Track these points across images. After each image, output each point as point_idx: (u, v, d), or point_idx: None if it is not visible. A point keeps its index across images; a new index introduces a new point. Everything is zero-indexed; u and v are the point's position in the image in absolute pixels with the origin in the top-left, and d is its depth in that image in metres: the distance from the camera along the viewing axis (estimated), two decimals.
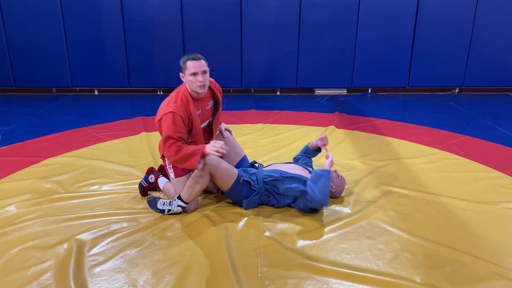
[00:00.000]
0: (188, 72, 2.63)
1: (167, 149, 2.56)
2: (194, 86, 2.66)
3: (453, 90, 6.78)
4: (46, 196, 3.06)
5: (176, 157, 2.55)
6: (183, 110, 2.62)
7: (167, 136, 2.56)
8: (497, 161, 3.74)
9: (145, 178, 3.08)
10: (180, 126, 2.58)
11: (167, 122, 2.56)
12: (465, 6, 6.12)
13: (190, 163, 2.56)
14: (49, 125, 4.79)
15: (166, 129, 2.56)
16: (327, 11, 6.11)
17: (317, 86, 6.57)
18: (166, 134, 2.56)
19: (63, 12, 5.99)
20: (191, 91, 2.72)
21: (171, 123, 2.55)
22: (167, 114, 2.57)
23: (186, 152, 2.55)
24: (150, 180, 3.05)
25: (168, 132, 2.55)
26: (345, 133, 4.49)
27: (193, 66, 2.61)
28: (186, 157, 2.55)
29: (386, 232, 2.63)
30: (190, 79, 2.64)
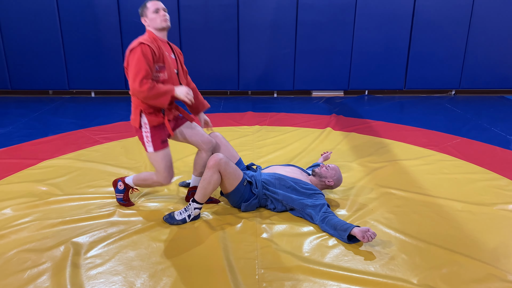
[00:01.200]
0: (150, 10, 2.63)
1: (139, 84, 2.49)
2: (159, 22, 2.63)
3: (450, 92, 6.81)
4: (43, 198, 3.05)
5: (150, 94, 2.50)
6: (152, 42, 2.57)
7: (137, 70, 2.49)
8: (493, 163, 3.76)
9: (116, 191, 2.97)
10: (149, 58, 2.52)
11: (136, 55, 2.51)
12: (461, 9, 6.16)
13: (161, 101, 2.55)
14: (46, 127, 4.78)
15: (135, 63, 2.50)
16: (324, 13, 6.13)
17: (314, 88, 6.58)
18: (136, 68, 2.50)
19: (60, 14, 5.98)
20: (156, 31, 2.66)
21: (141, 55, 2.49)
22: (137, 47, 2.52)
23: (159, 90, 2.52)
24: (120, 188, 2.95)
25: (138, 65, 2.49)
26: (342, 135, 4.50)
27: (153, 4, 2.64)
28: (159, 95, 2.53)
29: (383, 233, 2.64)
30: (153, 16, 2.62)
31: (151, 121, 2.65)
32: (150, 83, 2.50)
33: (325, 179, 3.00)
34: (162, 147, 2.72)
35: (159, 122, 2.67)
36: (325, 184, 3.02)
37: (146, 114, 2.64)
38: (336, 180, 3.03)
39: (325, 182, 3.01)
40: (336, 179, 3.03)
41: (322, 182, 3.01)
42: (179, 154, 3.94)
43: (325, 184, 3.02)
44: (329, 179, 3.00)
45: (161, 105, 2.58)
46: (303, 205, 2.77)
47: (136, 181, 2.90)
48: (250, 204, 2.86)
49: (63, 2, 5.94)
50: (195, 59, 6.24)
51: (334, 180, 3.02)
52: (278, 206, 2.88)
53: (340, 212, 2.89)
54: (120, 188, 2.96)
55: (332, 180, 3.00)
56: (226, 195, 2.89)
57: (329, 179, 3.00)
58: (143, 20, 2.68)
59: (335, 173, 3.03)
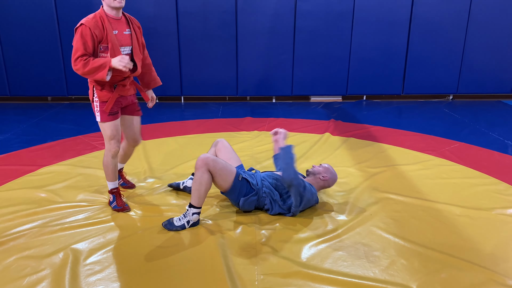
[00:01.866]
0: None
1: (74, 62, 2.61)
2: (112, 1, 2.69)
3: (447, 97, 6.84)
4: (42, 205, 3.05)
5: (85, 70, 2.60)
6: (94, 24, 2.64)
7: (75, 49, 2.61)
8: (491, 167, 3.77)
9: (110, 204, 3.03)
10: (88, 39, 2.61)
11: (76, 35, 2.61)
12: (458, 14, 6.20)
13: (99, 75, 2.62)
14: (45, 134, 4.78)
15: (75, 42, 2.61)
16: (321, 19, 6.16)
17: (312, 93, 6.60)
18: (75, 47, 2.61)
19: (59, 20, 6.00)
20: (108, 9, 2.74)
21: (79, 36, 2.60)
22: (78, 27, 2.62)
23: (94, 65, 2.60)
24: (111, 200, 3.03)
25: (76, 45, 2.60)
26: (341, 140, 4.51)
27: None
28: (95, 70, 2.61)
29: (382, 238, 2.64)
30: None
31: (101, 97, 2.79)
32: (84, 60, 2.60)
33: (319, 175, 3.07)
34: (109, 119, 2.84)
35: (108, 97, 2.80)
36: (320, 180, 3.07)
37: (97, 90, 2.79)
38: (330, 174, 3.10)
39: (320, 178, 3.07)
40: (330, 173, 3.10)
41: (317, 179, 3.07)
42: (179, 160, 3.95)
43: (320, 180, 3.07)
44: (323, 174, 3.07)
45: (101, 79, 2.64)
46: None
47: (106, 177, 3.00)
48: (248, 199, 2.86)
49: (62, 9, 5.95)
50: (194, 65, 6.25)
51: (328, 174, 3.08)
52: (275, 207, 2.89)
53: (339, 217, 2.89)
54: (110, 200, 3.03)
55: (326, 174, 3.07)
56: (225, 193, 2.90)
57: (323, 174, 3.07)
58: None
59: (327, 168, 3.12)
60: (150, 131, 4.84)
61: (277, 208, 2.90)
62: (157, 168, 3.77)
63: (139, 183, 3.46)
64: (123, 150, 3.21)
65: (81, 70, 2.61)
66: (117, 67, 2.62)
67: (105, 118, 2.83)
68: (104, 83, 2.76)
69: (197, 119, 5.43)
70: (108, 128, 2.86)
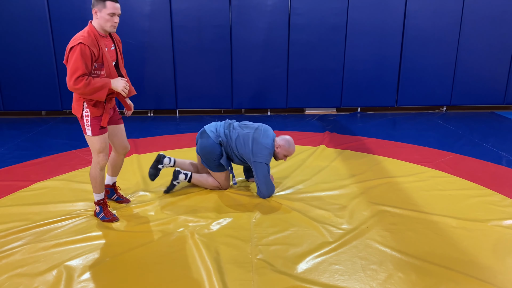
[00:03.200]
0: (107, 11, 2.70)
1: (74, 81, 2.63)
2: (108, 25, 2.74)
3: (441, 108, 6.89)
4: (35, 221, 3.01)
5: (86, 90, 2.65)
6: (91, 42, 2.67)
7: (75, 68, 2.62)
8: (486, 179, 3.78)
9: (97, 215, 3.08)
10: (87, 58, 2.64)
11: (75, 53, 2.62)
12: (449, 26, 6.28)
13: (98, 95, 2.72)
14: (39, 149, 4.75)
15: (74, 61, 2.62)
16: (315, 32, 6.22)
17: (307, 105, 6.63)
18: (75, 66, 2.62)
19: (53, 34, 6.01)
20: (100, 29, 2.77)
21: (79, 55, 2.61)
22: (76, 46, 2.62)
23: (95, 85, 2.68)
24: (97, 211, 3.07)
25: (77, 64, 2.61)
26: (336, 152, 4.52)
27: (112, 7, 2.71)
28: (96, 90, 2.69)
29: (379, 252, 2.63)
30: (107, 18, 2.71)
31: (93, 113, 2.82)
32: (86, 80, 2.64)
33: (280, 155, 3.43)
34: (100, 133, 2.89)
35: (100, 113, 2.85)
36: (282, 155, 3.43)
37: (89, 106, 2.81)
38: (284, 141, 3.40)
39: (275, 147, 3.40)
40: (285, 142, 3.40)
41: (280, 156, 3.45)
42: None
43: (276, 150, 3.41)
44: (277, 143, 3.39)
45: (99, 99, 2.74)
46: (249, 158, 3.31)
47: (93, 188, 3.03)
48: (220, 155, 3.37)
49: (57, 22, 5.97)
50: (189, 79, 6.27)
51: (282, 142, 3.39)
52: (235, 159, 3.42)
53: (336, 231, 2.88)
54: (97, 211, 3.07)
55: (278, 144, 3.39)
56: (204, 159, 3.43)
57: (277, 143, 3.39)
58: (94, 12, 2.72)
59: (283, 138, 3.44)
60: (145, 145, 4.82)
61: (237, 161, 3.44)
62: (150, 182, 3.74)
63: (133, 197, 3.43)
64: (114, 161, 3.23)
65: (82, 90, 2.64)
66: (118, 90, 2.76)
67: (96, 132, 2.86)
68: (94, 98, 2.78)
69: (192, 132, 5.42)
70: (98, 141, 2.89)
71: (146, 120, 6.16)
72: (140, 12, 6.01)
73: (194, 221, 3.03)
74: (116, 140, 3.15)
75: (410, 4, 6.18)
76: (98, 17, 2.72)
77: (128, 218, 3.07)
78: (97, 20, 2.73)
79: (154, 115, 6.56)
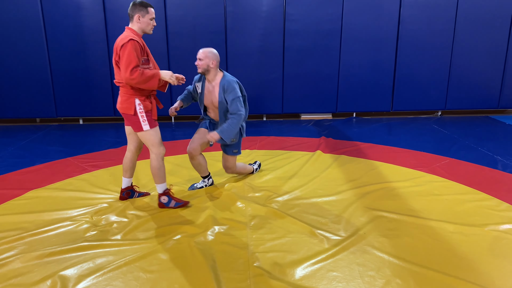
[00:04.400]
0: (149, 16, 3.07)
1: (130, 72, 2.90)
2: (149, 28, 3.10)
3: (436, 113, 6.92)
4: (29, 230, 2.97)
5: (141, 79, 2.93)
6: (139, 39, 3.00)
7: (129, 61, 2.90)
8: (482, 183, 3.79)
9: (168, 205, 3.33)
10: (139, 52, 2.95)
11: (127, 49, 2.90)
12: (443, 31, 6.33)
13: (151, 84, 3.00)
14: (33, 156, 4.71)
15: (128, 55, 2.89)
16: (310, 38, 6.24)
17: (302, 111, 6.63)
18: (129, 59, 2.89)
19: (48, 41, 5.99)
20: (140, 31, 3.09)
21: (132, 49, 2.90)
22: (127, 42, 2.91)
23: (148, 74, 2.96)
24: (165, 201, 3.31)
25: (130, 57, 2.90)
26: (332, 158, 4.51)
27: (153, 12, 3.10)
28: (148, 79, 2.97)
29: (376, 258, 2.62)
30: (148, 21, 3.08)
31: (146, 106, 3.10)
32: (140, 70, 2.93)
33: (201, 63, 3.36)
34: (156, 124, 3.18)
35: (150, 107, 3.14)
36: (208, 66, 3.37)
37: (142, 102, 3.09)
38: (204, 50, 3.36)
39: (207, 64, 3.36)
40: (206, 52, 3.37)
41: (207, 68, 3.39)
42: (168, 180, 3.90)
43: (205, 65, 3.37)
44: (200, 57, 3.36)
45: (152, 87, 3.04)
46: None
47: (155, 178, 3.26)
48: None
49: (51, 30, 5.96)
50: (184, 85, 6.26)
51: (202, 53, 3.35)
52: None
53: (333, 237, 2.87)
54: (165, 201, 3.31)
55: (200, 54, 3.35)
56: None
57: (200, 57, 3.36)
58: (136, 17, 3.04)
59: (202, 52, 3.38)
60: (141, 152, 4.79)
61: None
62: (144, 189, 3.71)
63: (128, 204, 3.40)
64: (130, 162, 3.42)
65: (138, 79, 2.92)
66: (166, 79, 3.05)
67: (153, 124, 3.15)
68: (143, 94, 3.09)
69: (188, 138, 5.40)
70: (155, 133, 3.17)
71: None
72: None
73: (191, 228, 3.01)
74: (137, 138, 3.35)
75: (404, 9, 6.22)
76: (140, 22, 3.05)
77: (124, 227, 3.04)
78: (138, 24, 3.06)
79: None
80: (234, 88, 3.37)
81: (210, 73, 3.43)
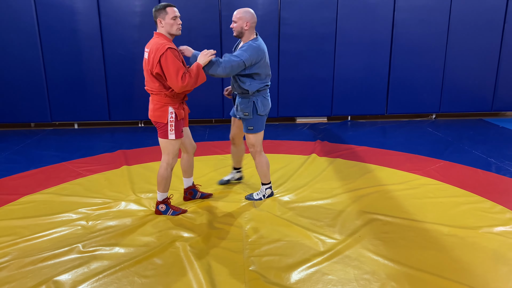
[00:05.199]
0: (170, 16, 2.93)
1: (181, 80, 2.86)
2: (174, 29, 2.97)
3: (430, 116, 6.96)
4: (23, 235, 2.96)
5: (191, 80, 2.90)
6: (173, 45, 2.93)
7: (177, 68, 2.85)
8: (476, 186, 3.81)
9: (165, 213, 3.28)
10: (178, 57, 2.92)
11: (169, 58, 2.84)
12: (437, 35, 6.37)
13: (201, 79, 2.97)
14: (28, 161, 4.69)
15: (173, 64, 2.84)
16: (305, 42, 6.27)
17: (298, 114, 6.65)
18: (175, 67, 2.85)
19: (42, 45, 5.98)
20: (167, 35, 3.00)
21: (173, 57, 2.85)
22: (166, 51, 2.84)
23: (194, 72, 2.92)
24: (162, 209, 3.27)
25: (176, 65, 2.85)
26: (327, 161, 4.52)
27: (173, 11, 2.95)
28: (196, 76, 2.93)
29: (371, 261, 2.62)
30: (171, 22, 2.95)
31: (179, 114, 3.06)
32: (187, 74, 2.90)
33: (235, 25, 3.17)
34: (181, 136, 3.14)
35: (182, 115, 3.10)
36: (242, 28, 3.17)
37: (176, 110, 3.04)
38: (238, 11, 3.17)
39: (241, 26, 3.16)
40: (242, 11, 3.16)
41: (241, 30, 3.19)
42: None
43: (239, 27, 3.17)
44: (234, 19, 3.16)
45: (203, 80, 2.98)
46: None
47: (159, 186, 3.21)
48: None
49: (46, 34, 5.94)
50: None
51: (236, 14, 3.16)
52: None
53: (328, 240, 2.87)
54: (162, 209, 3.27)
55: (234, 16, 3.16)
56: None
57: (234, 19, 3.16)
58: (158, 21, 2.96)
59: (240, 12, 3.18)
60: (136, 156, 4.79)
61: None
62: (141, 194, 3.71)
63: (124, 209, 3.40)
64: (187, 162, 3.44)
65: (191, 82, 2.90)
66: (207, 60, 2.97)
67: (179, 135, 3.10)
68: (177, 101, 3.05)
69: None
70: (176, 144, 3.13)
71: (137, 131, 6.12)
72: (130, 23, 6.00)
73: (186, 233, 3.00)
74: (187, 140, 3.37)
75: (398, 13, 6.27)
76: (163, 25, 2.95)
77: (119, 232, 3.03)
78: (163, 28, 2.97)
79: (145, 125, 6.53)
80: (245, 49, 3.09)
81: (244, 37, 3.23)
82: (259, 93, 3.30)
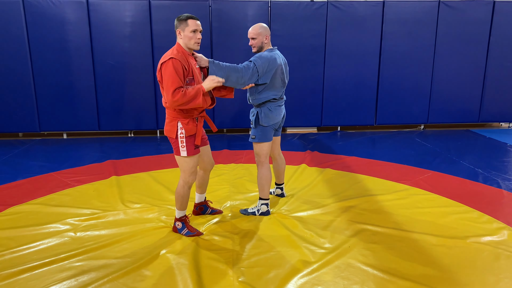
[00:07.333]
0: (189, 29, 2.82)
1: (172, 94, 2.73)
2: (192, 43, 2.86)
3: (419, 127, 7.04)
4: (9, 247, 2.91)
5: (184, 100, 2.76)
6: (181, 57, 2.79)
7: (171, 82, 2.73)
8: (463, 196, 3.85)
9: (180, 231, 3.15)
10: (180, 72, 2.76)
11: (168, 70, 2.74)
12: (424, 48, 6.49)
13: (196, 102, 2.80)
14: (15, 171, 4.63)
15: (168, 76, 2.73)
16: (295, 53, 6.33)
17: (288, 125, 6.68)
18: (170, 81, 2.73)
19: (32, 55, 5.96)
20: (185, 48, 2.88)
21: (172, 69, 2.73)
22: (167, 61, 2.75)
23: (190, 93, 2.78)
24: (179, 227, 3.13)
25: (172, 78, 2.73)
26: (317, 171, 4.54)
27: (194, 24, 2.83)
28: (192, 98, 2.78)
29: (361, 271, 2.63)
30: (190, 35, 2.83)
31: (188, 131, 2.92)
32: (182, 91, 2.75)
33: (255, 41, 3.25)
34: (195, 153, 2.98)
35: (193, 132, 2.95)
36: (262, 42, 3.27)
37: (184, 125, 2.90)
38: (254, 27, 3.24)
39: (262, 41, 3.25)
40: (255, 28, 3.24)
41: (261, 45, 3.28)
42: (154, 194, 3.87)
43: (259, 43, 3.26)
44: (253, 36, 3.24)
45: (197, 105, 2.82)
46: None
47: (177, 203, 3.09)
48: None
49: (35, 44, 5.92)
50: None
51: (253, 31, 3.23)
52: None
53: (318, 250, 2.87)
54: (179, 227, 3.14)
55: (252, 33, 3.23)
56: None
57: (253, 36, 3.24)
58: (178, 32, 2.86)
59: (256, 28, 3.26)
60: (125, 166, 4.76)
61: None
62: (130, 204, 3.68)
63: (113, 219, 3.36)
64: (203, 179, 3.36)
65: (180, 100, 2.75)
66: (211, 86, 2.86)
67: (191, 152, 2.95)
68: (188, 117, 2.91)
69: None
70: (191, 162, 2.99)
71: (127, 141, 6.09)
72: (120, 33, 6.01)
73: (176, 244, 2.98)
74: (206, 158, 3.27)
75: (386, 26, 6.37)
76: (182, 37, 2.85)
77: (107, 242, 3.00)
78: (181, 40, 2.86)
79: (134, 135, 6.51)
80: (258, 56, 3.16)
81: (264, 50, 3.27)
82: (264, 104, 3.32)
